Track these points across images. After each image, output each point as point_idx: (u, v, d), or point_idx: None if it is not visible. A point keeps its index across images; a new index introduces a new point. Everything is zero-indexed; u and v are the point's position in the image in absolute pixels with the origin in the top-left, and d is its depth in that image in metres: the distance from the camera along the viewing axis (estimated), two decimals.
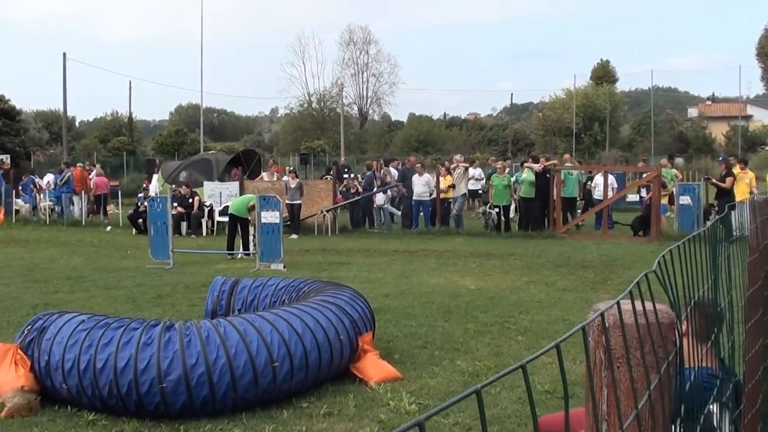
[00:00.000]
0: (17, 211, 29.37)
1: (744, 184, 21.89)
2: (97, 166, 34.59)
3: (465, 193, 24.74)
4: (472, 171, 27.47)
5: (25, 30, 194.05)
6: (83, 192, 28.83)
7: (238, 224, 18.40)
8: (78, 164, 32.02)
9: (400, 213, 25.95)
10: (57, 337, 6.94)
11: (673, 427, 1.80)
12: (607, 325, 1.47)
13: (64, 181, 29.05)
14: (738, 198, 21.06)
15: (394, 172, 27.38)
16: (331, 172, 29.32)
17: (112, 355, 6.60)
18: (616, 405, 1.37)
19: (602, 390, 1.50)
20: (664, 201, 23.54)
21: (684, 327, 2.07)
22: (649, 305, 1.53)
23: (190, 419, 6.63)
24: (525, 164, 24.81)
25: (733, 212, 3.84)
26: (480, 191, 29.07)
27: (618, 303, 1.48)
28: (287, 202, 22.57)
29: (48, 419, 6.77)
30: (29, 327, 7.35)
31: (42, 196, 29.97)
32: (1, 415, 6.77)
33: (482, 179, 28.79)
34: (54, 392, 7.02)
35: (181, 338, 6.69)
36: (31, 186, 30.42)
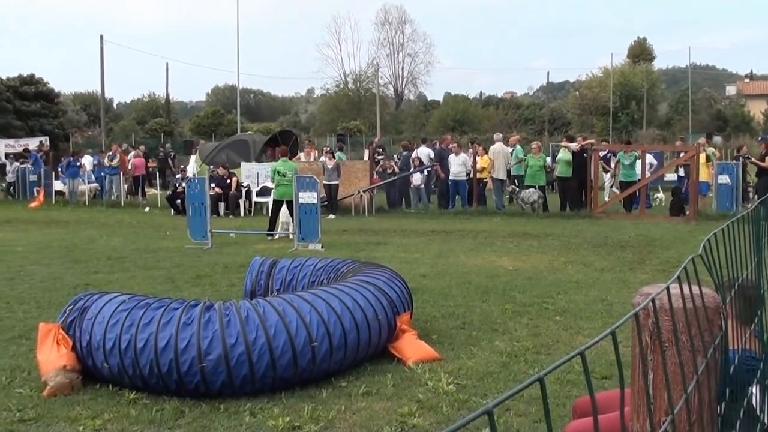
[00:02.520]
0: (59, 193, 29.64)
1: None
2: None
3: (504, 180, 24.69)
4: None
5: (62, 13, 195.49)
6: (122, 173, 29.08)
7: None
8: (114, 145, 32.28)
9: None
10: (98, 317, 7.01)
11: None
12: (651, 309, 1.46)
13: (118, 161, 29.27)
14: None
15: (426, 151, 27.23)
16: (377, 152, 29.28)
17: (153, 334, 6.66)
18: (667, 387, 1.37)
19: (648, 373, 1.50)
20: (706, 177, 23.28)
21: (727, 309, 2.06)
22: (695, 289, 1.52)
23: (229, 398, 6.68)
24: (561, 144, 24.68)
25: None
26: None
27: (668, 288, 1.48)
28: (324, 182, 22.61)
29: (90, 398, 6.84)
30: (70, 307, 7.43)
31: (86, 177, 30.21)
32: (43, 393, 6.87)
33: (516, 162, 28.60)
34: (95, 371, 7.09)
35: (220, 318, 6.74)
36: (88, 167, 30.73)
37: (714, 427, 1.59)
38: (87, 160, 31.33)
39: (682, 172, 24.63)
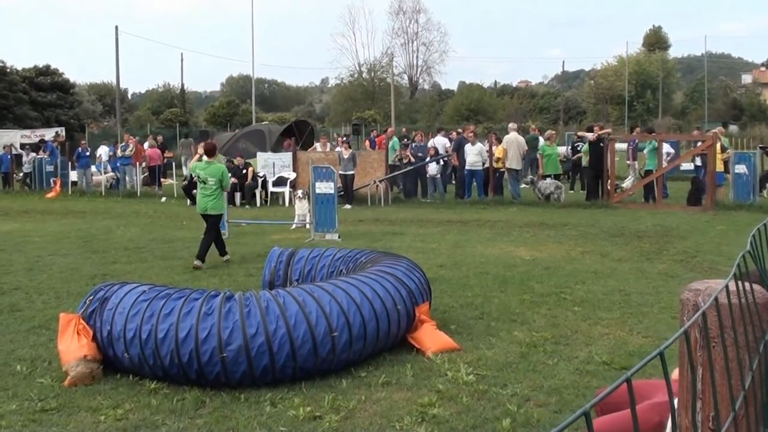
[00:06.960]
0: (75, 183, 29.76)
1: None
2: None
3: (519, 170, 24.61)
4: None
5: (77, 4, 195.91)
6: (138, 163, 29.15)
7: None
8: (127, 135, 32.39)
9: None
10: (119, 307, 7.04)
11: None
12: (702, 305, 1.45)
13: (132, 152, 29.35)
14: None
15: (443, 141, 27.16)
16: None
17: (174, 325, 6.69)
18: (729, 383, 1.36)
19: (696, 369, 1.50)
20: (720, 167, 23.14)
21: None
22: (746, 285, 1.51)
23: (250, 388, 6.71)
24: (578, 134, 24.63)
25: None
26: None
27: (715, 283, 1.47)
28: (340, 172, 22.57)
29: (110, 387, 6.88)
30: (91, 297, 7.46)
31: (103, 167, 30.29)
32: (64, 383, 6.90)
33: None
34: (116, 361, 7.13)
35: (241, 308, 6.76)
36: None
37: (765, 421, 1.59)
38: (103, 151, 31.39)
39: (699, 162, 24.49)
